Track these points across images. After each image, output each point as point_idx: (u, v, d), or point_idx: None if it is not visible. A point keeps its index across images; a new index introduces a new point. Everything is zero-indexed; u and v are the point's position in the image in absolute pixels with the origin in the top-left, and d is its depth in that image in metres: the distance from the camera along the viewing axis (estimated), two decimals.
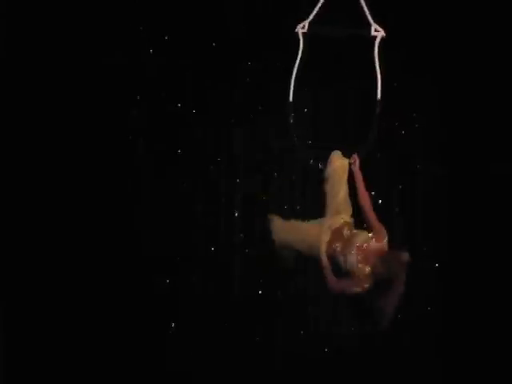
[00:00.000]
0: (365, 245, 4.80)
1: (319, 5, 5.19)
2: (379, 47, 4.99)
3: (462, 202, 6.74)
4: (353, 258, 4.81)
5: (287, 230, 5.28)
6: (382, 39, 5.00)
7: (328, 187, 5.12)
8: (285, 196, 7.04)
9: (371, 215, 4.93)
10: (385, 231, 4.86)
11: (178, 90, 6.97)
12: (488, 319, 6.65)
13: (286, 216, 6.40)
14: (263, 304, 6.95)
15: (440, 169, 6.83)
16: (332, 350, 6.92)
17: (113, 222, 6.88)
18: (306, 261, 6.09)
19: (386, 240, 4.83)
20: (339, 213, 5.07)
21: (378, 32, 5.00)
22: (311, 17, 5.22)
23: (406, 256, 4.73)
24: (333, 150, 5.21)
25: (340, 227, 5.00)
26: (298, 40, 5.32)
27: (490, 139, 6.66)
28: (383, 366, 6.81)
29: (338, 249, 4.91)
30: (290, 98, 5.29)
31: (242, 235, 7.02)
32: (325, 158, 5.18)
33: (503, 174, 6.64)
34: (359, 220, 5.07)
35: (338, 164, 5.10)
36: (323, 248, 4.99)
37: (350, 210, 5.09)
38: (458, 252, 6.75)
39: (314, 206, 6.76)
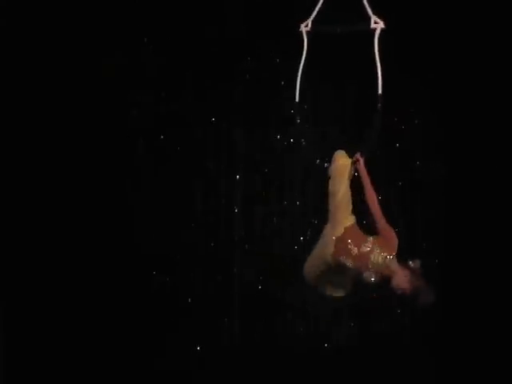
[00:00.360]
0: (381, 265, 4.76)
1: (320, 2, 5.12)
2: (381, 41, 4.91)
3: (462, 199, 6.74)
4: (371, 278, 4.77)
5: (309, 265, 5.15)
6: (382, 31, 4.91)
7: (330, 186, 4.99)
8: (285, 192, 7.06)
9: (379, 218, 4.82)
10: (395, 237, 4.77)
11: (178, 88, 6.99)
12: (488, 316, 6.64)
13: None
14: (263, 300, 6.97)
15: (439, 165, 6.83)
16: (332, 347, 6.95)
17: (112, 218, 6.91)
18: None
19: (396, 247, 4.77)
20: (339, 211, 4.92)
21: (377, 24, 4.91)
22: (314, 14, 5.14)
23: (416, 264, 4.71)
24: (337, 148, 5.12)
25: (343, 236, 4.88)
26: (301, 38, 5.27)
27: (490, 135, 6.65)
28: (383, 362, 6.83)
29: (349, 264, 4.82)
30: (297, 98, 5.21)
31: (242, 231, 7.04)
32: (330, 157, 5.10)
33: (503, 171, 6.65)
34: (362, 218, 5.02)
35: (341, 162, 4.99)
36: (329, 260, 4.91)
37: (349, 209, 4.94)
38: (457, 248, 6.74)
39: (314, 203, 6.90)
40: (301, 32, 5.22)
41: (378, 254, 4.74)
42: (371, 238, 4.81)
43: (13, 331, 6.76)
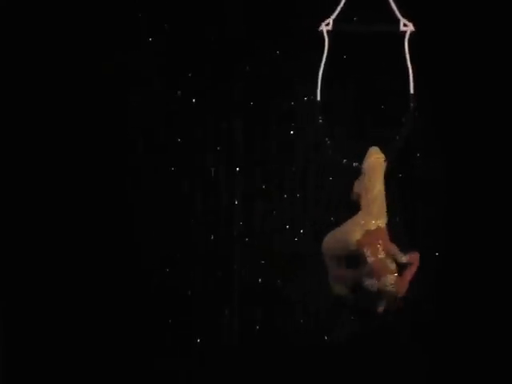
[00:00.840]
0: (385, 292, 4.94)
1: (343, 2, 5.12)
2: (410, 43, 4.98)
3: (462, 192, 6.75)
4: (371, 288, 4.91)
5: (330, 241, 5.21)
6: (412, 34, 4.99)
7: (365, 181, 5.07)
8: (285, 186, 7.01)
9: (407, 279, 4.99)
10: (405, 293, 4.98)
11: (177, 84, 6.93)
12: (489, 309, 6.66)
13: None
14: (263, 293, 6.93)
15: (440, 158, 6.83)
16: (332, 340, 6.91)
17: (111, 213, 6.84)
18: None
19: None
20: (374, 205, 5.02)
21: (406, 27, 4.98)
22: (336, 13, 5.13)
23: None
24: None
25: (374, 232, 4.98)
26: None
27: (490, 130, 6.66)
28: (383, 354, 6.83)
29: (368, 258, 4.92)
30: (318, 97, 5.22)
31: (241, 224, 6.97)
32: (356, 156, 5.15)
33: (503, 165, 6.67)
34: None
35: (373, 158, 5.09)
36: (353, 245, 4.98)
37: (385, 206, 5.05)
38: (458, 242, 6.75)
39: (314, 197, 6.90)
40: (321, 31, 5.19)
41: (390, 283, 4.91)
42: (395, 266, 4.97)
43: (13, 328, 6.71)
